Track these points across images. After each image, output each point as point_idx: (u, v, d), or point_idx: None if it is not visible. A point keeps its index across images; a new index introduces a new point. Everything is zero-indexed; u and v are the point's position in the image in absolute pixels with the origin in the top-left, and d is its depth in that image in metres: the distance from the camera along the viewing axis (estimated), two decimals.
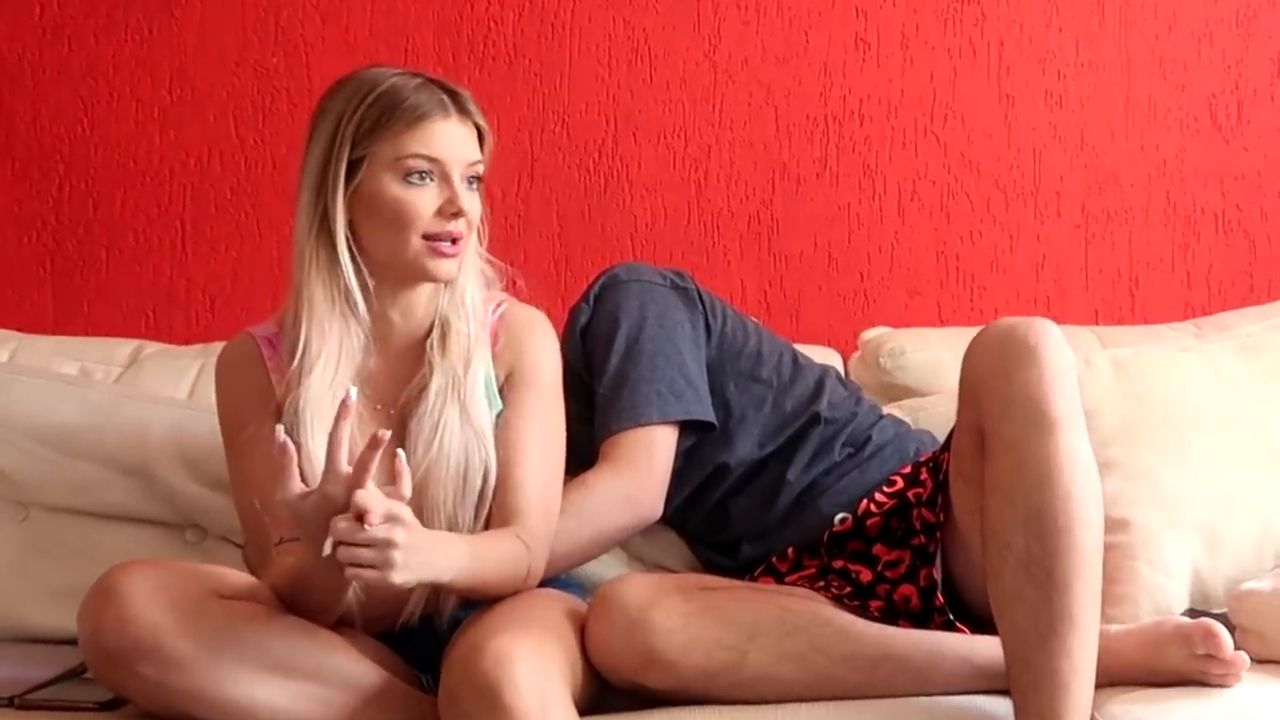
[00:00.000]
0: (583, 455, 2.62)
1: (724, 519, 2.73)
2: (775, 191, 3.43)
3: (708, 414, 2.67)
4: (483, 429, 2.37)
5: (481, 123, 2.39)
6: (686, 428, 2.66)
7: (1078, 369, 2.61)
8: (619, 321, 2.70)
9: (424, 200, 2.32)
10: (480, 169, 2.38)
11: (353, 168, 2.31)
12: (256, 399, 2.37)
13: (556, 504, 2.43)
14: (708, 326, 2.76)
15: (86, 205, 3.42)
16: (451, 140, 2.34)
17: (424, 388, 2.36)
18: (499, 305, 2.48)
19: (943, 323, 3.40)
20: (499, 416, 2.41)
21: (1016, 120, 3.43)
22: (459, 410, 2.35)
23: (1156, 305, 3.43)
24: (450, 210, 2.32)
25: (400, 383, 2.39)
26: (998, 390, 2.20)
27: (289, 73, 3.39)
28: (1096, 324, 3.33)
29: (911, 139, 3.43)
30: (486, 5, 3.40)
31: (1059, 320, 2.99)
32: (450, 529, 2.32)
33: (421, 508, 2.28)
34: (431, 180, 2.33)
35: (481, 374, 2.40)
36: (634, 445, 2.62)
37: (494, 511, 2.38)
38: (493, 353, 2.44)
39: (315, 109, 2.38)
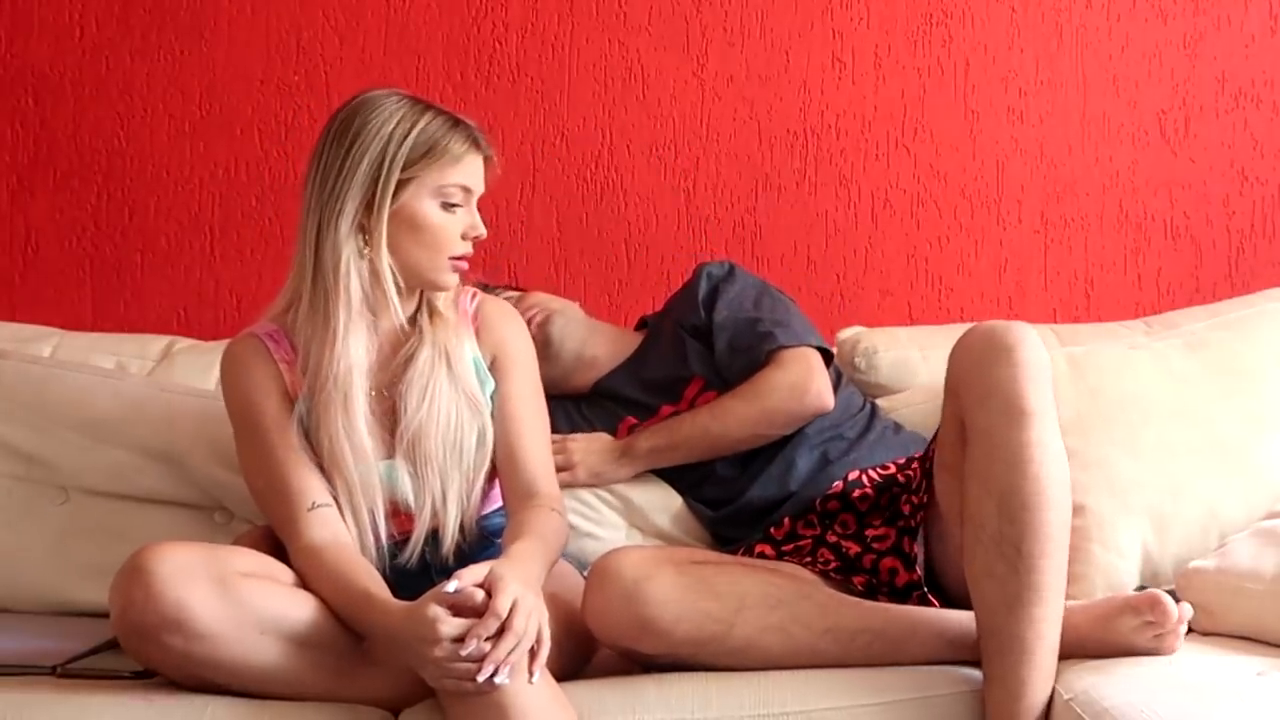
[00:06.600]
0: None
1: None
2: (758, 200, 3.43)
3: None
4: (474, 395, 2.42)
5: (492, 154, 2.45)
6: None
7: None
8: (746, 280, 2.89)
9: (456, 225, 2.39)
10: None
11: (398, 188, 2.35)
12: (271, 388, 2.38)
13: (553, 464, 2.50)
14: None
15: (123, 212, 3.42)
16: (477, 173, 2.42)
17: (411, 357, 2.39)
18: (474, 296, 2.54)
19: (912, 321, 3.40)
20: (493, 395, 2.46)
21: (981, 134, 3.44)
22: (447, 373, 2.40)
23: (1109, 305, 3.43)
24: (473, 235, 2.40)
25: (385, 365, 2.42)
26: (977, 385, 2.21)
27: (309, 90, 3.39)
28: (1054, 322, 3.30)
29: (884, 151, 3.44)
30: (491, 28, 3.40)
31: (1019, 319, 2.96)
32: (442, 481, 2.38)
33: (415, 461, 2.37)
34: (460, 207, 2.39)
35: (469, 352, 2.45)
36: (799, 356, 2.75)
37: (509, 485, 2.44)
38: (476, 337, 2.49)
39: (344, 124, 2.36)
